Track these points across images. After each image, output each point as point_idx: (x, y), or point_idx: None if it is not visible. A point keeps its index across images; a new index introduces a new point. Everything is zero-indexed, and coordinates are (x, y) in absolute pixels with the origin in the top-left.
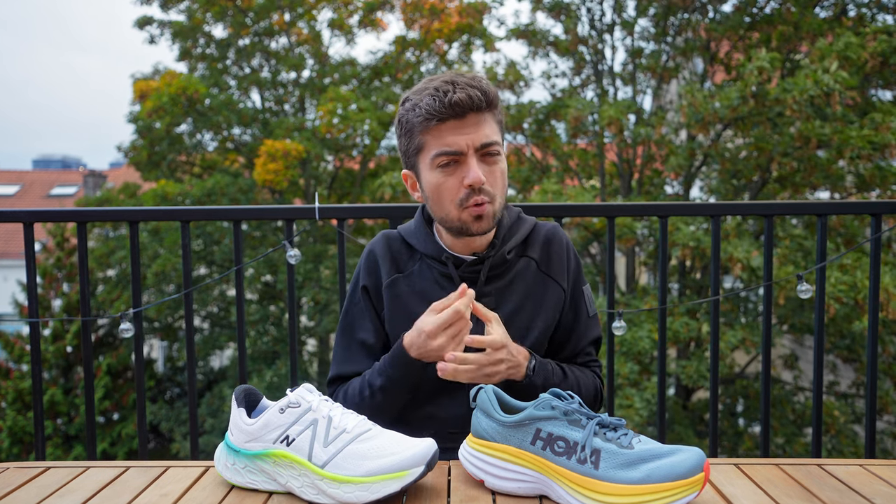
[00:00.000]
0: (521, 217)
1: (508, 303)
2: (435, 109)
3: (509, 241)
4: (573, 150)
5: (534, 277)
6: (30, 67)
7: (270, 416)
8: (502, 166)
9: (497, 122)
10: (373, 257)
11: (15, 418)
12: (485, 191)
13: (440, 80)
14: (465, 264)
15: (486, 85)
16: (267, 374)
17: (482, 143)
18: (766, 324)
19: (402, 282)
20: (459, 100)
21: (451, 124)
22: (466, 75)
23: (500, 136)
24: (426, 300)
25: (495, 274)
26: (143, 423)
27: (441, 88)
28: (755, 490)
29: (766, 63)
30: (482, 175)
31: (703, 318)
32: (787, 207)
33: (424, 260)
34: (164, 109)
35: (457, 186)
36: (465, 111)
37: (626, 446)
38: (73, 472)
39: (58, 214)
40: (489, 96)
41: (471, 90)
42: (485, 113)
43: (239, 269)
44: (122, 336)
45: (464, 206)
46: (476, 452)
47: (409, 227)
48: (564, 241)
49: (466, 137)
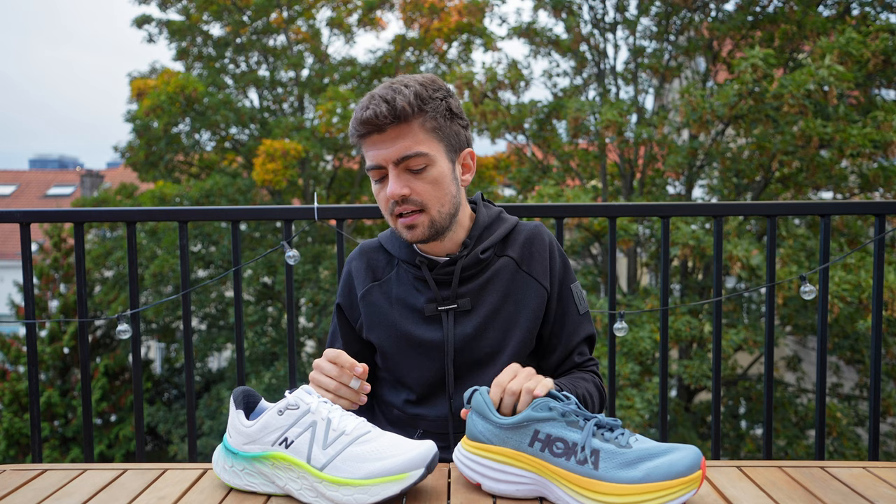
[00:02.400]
0: (502, 216)
1: (485, 303)
2: (355, 127)
3: (485, 241)
4: (574, 150)
5: (512, 276)
6: (26, 65)
7: (269, 418)
8: (433, 175)
9: (429, 129)
10: (348, 276)
11: (11, 420)
12: (410, 201)
13: (368, 95)
14: (438, 266)
15: (403, 97)
16: (265, 375)
17: (399, 157)
18: (769, 325)
19: (376, 290)
20: (367, 118)
21: (374, 139)
22: (395, 84)
23: (436, 143)
24: (404, 305)
25: (470, 274)
26: (141, 425)
27: (362, 104)
28: (758, 493)
29: (760, 60)
30: (399, 188)
31: (706, 317)
32: (789, 208)
33: (401, 265)
34: (162, 108)
35: (386, 197)
36: (380, 126)
37: (625, 446)
38: (69, 475)
39: (55, 215)
40: (397, 110)
41: (380, 106)
42: (406, 123)
43: (237, 269)
44: (120, 337)
45: (394, 217)
46: (472, 455)
47: (387, 234)
48: (547, 240)
49: (384, 152)
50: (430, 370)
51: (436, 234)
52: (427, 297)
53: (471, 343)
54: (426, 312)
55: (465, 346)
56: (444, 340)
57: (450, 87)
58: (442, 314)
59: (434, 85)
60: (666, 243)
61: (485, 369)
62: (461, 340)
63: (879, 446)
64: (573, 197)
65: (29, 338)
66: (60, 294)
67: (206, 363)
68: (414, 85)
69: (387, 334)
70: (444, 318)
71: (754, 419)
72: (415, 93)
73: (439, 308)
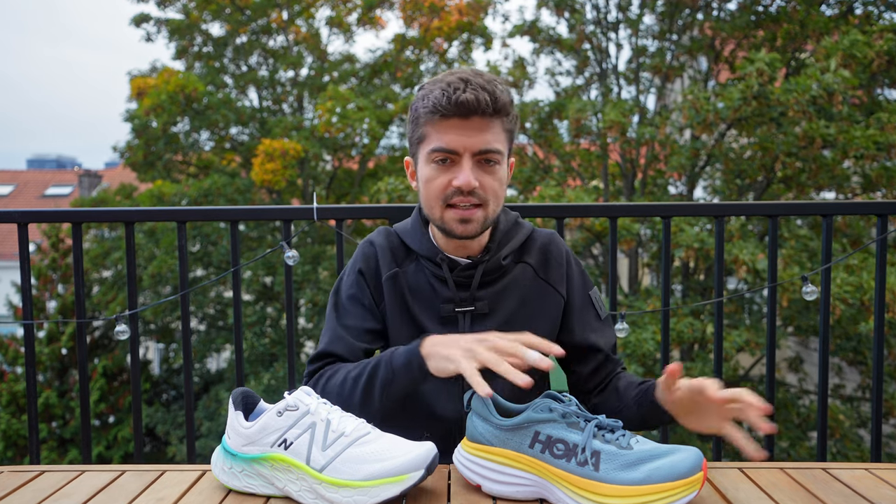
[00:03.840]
0: (519, 222)
1: (503, 308)
2: (441, 105)
3: (505, 246)
4: (576, 150)
5: (531, 283)
6: (24, 63)
7: (268, 420)
8: (500, 174)
9: (505, 130)
10: (372, 248)
11: (9, 421)
12: (475, 194)
13: (456, 76)
14: (459, 267)
15: (502, 91)
16: (264, 376)
17: (480, 148)
18: (771, 325)
19: (401, 277)
20: (465, 100)
21: (454, 122)
22: (486, 76)
23: (507, 145)
24: (419, 299)
25: (490, 279)
26: (139, 426)
27: (452, 84)
28: (760, 494)
29: (766, 64)
30: (473, 180)
31: (708, 318)
32: (791, 208)
33: (420, 260)
34: (162, 108)
35: (446, 184)
36: (470, 113)
37: (626, 447)
38: (67, 476)
39: (53, 215)
40: (499, 103)
41: (481, 93)
42: (492, 118)
43: (236, 270)
44: (118, 338)
45: (448, 205)
46: (472, 457)
47: (406, 227)
48: (563, 248)
49: (466, 139)
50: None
51: (481, 232)
52: (444, 296)
53: None
54: (442, 312)
55: None
56: None
57: None
58: (458, 316)
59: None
60: (667, 243)
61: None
62: None
63: (882, 448)
64: (575, 198)
65: (27, 338)
66: (58, 294)
67: (205, 364)
68: (503, 84)
69: (407, 327)
70: (461, 320)
71: None
72: (508, 92)
73: (457, 309)
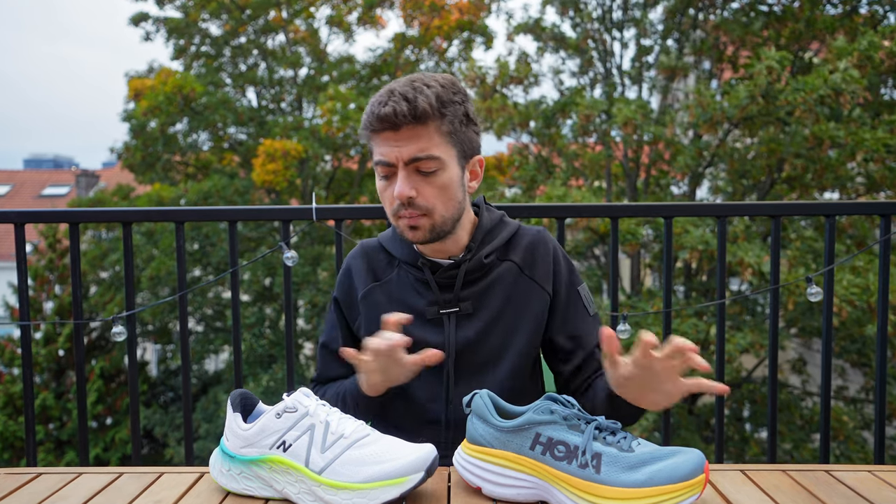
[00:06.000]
0: (504, 220)
1: (487, 307)
2: (368, 121)
3: (488, 245)
4: (581, 149)
5: (515, 281)
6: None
7: (267, 421)
8: (442, 180)
9: (445, 132)
10: (348, 271)
11: (6, 423)
12: (415, 205)
13: (387, 89)
14: (441, 269)
15: (425, 98)
16: (263, 378)
17: (411, 157)
18: (773, 327)
19: (378, 291)
20: (384, 114)
21: (387, 135)
22: (419, 82)
23: (451, 148)
24: (405, 306)
25: (473, 278)
26: (137, 428)
27: (379, 99)
28: (762, 497)
29: (776, 62)
30: (407, 190)
31: (711, 319)
32: (794, 208)
33: (402, 266)
34: (160, 108)
35: (391, 197)
36: (397, 124)
37: (627, 449)
38: (64, 479)
39: (49, 215)
40: (418, 110)
41: (400, 104)
42: (424, 125)
43: (235, 270)
44: (115, 339)
45: (397, 216)
46: (472, 459)
47: (388, 235)
48: (551, 245)
49: (396, 150)
50: (429, 374)
51: (437, 238)
52: (428, 299)
53: (472, 347)
54: (427, 315)
55: (466, 350)
56: (444, 344)
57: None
58: (443, 317)
59: (454, 88)
60: (669, 244)
61: (485, 374)
62: (462, 344)
63: (885, 450)
64: (581, 198)
65: (24, 340)
66: (55, 295)
67: (203, 365)
68: (435, 86)
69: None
70: (446, 322)
71: (758, 422)
72: (436, 94)
73: (441, 311)
